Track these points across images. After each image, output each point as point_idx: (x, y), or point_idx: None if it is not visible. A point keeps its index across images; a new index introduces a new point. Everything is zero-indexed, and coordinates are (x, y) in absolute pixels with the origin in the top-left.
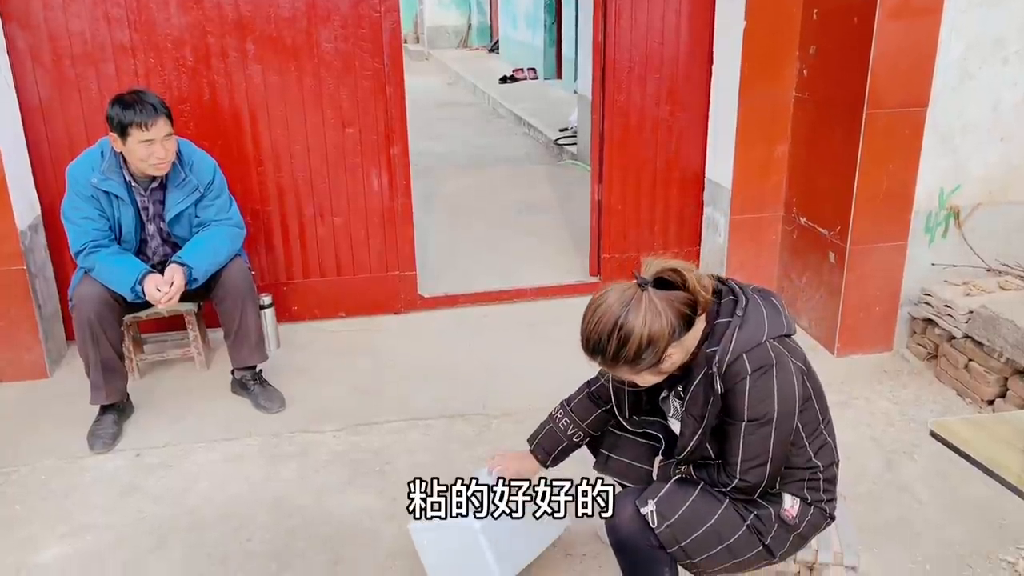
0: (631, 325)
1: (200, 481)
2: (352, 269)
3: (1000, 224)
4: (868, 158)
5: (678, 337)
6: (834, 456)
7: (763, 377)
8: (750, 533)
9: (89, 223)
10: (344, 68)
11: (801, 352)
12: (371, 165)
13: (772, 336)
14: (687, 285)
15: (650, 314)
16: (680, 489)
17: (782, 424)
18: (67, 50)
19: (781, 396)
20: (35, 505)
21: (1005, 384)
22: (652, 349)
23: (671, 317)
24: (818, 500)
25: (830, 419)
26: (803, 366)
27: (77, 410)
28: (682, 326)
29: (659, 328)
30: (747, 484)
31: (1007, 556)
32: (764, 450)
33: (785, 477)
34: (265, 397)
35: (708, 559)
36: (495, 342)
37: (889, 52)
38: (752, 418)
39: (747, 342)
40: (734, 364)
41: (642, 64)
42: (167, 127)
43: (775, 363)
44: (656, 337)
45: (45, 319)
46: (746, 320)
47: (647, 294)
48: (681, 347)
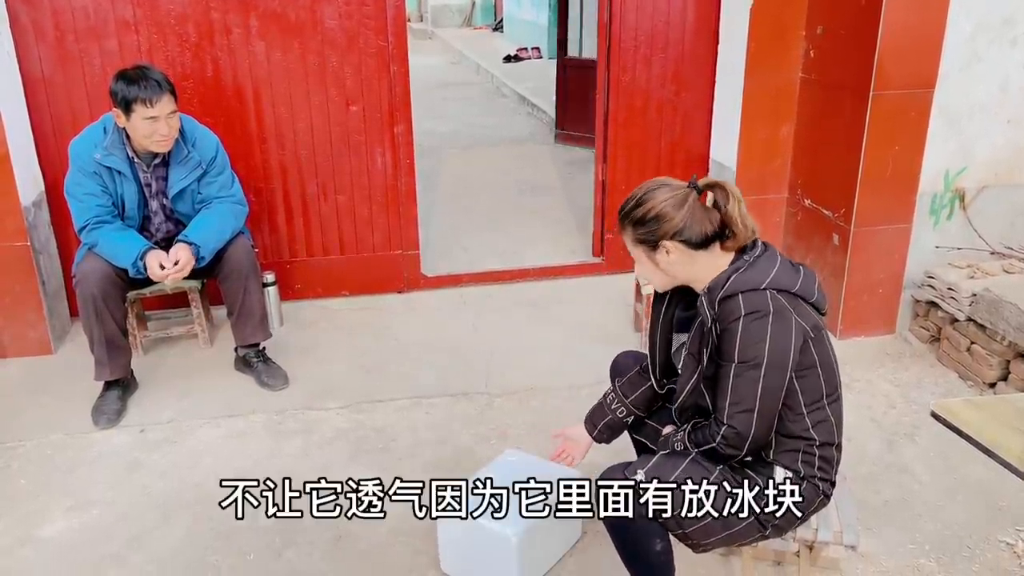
0: (655, 196)
1: (204, 457)
2: (355, 248)
3: (1005, 207)
4: (874, 140)
5: (685, 238)
6: (833, 437)
7: (757, 321)
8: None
9: (92, 199)
10: (348, 45)
11: (814, 320)
12: (375, 143)
13: (776, 287)
14: (726, 208)
15: (674, 200)
16: (670, 460)
17: (771, 373)
18: (70, 25)
19: (773, 345)
20: (40, 480)
21: (1007, 367)
22: (655, 223)
23: (690, 217)
24: (811, 476)
25: (838, 400)
26: (810, 331)
27: (81, 386)
28: (697, 234)
29: (672, 212)
30: (734, 432)
31: (1006, 538)
32: (751, 395)
33: (779, 445)
34: (268, 375)
35: (699, 530)
36: (498, 322)
37: (897, 32)
38: (742, 360)
39: (745, 283)
40: (728, 302)
41: (647, 44)
42: (171, 104)
43: (772, 311)
44: (664, 216)
45: (49, 295)
46: (753, 265)
47: (687, 192)
48: (685, 256)
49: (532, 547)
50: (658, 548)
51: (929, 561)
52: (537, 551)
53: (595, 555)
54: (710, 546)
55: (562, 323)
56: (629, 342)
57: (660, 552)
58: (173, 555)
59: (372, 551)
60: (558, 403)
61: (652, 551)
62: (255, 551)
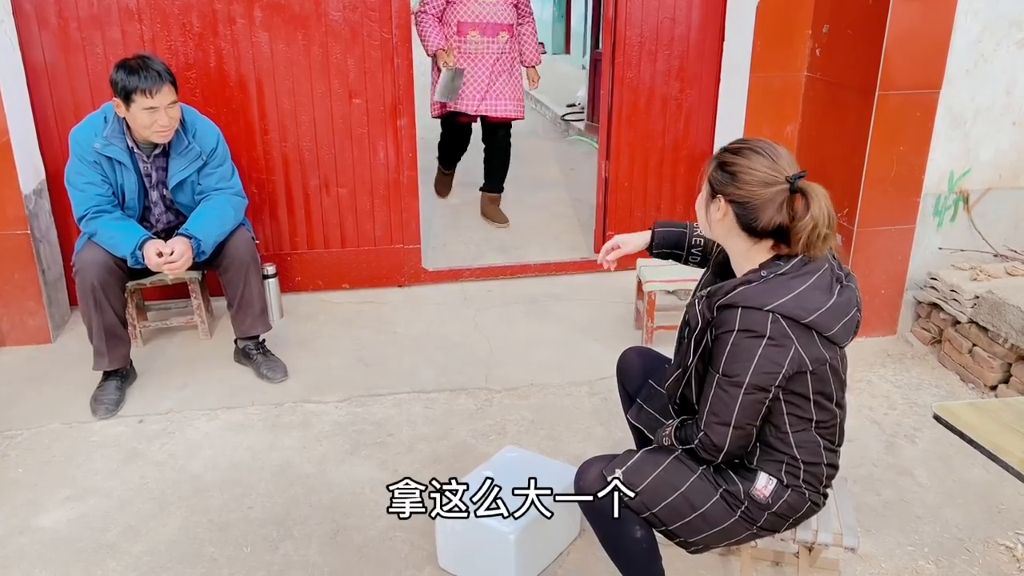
0: (751, 158)
1: (202, 449)
2: (357, 241)
3: (1009, 209)
4: (879, 140)
5: (739, 212)
6: (821, 457)
7: (748, 340)
8: (724, 503)
9: (92, 188)
10: (352, 37)
11: (819, 354)
12: (378, 136)
13: (784, 313)
14: (793, 220)
15: (763, 177)
16: (651, 457)
17: (752, 395)
18: (73, 13)
19: (760, 367)
20: (38, 469)
21: (1008, 370)
22: (728, 180)
23: (762, 202)
24: (796, 485)
25: (834, 427)
26: (809, 363)
27: (80, 376)
28: (753, 220)
29: (749, 183)
30: (710, 442)
31: (1005, 541)
32: (729, 411)
33: (763, 455)
34: (268, 367)
35: (684, 526)
36: (498, 317)
37: (904, 33)
38: (725, 374)
39: (749, 299)
40: (726, 311)
41: (652, 40)
42: (172, 94)
43: (767, 336)
44: (740, 180)
45: (49, 284)
46: (770, 280)
47: (780, 179)
48: (730, 226)
49: (530, 544)
50: (638, 535)
51: (928, 563)
52: (535, 548)
53: (592, 552)
54: (701, 544)
55: (563, 320)
56: (630, 340)
57: (640, 540)
58: (170, 546)
59: (369, 545)
60: (558, 400)
61: (632, 538)
62: (252, 544)
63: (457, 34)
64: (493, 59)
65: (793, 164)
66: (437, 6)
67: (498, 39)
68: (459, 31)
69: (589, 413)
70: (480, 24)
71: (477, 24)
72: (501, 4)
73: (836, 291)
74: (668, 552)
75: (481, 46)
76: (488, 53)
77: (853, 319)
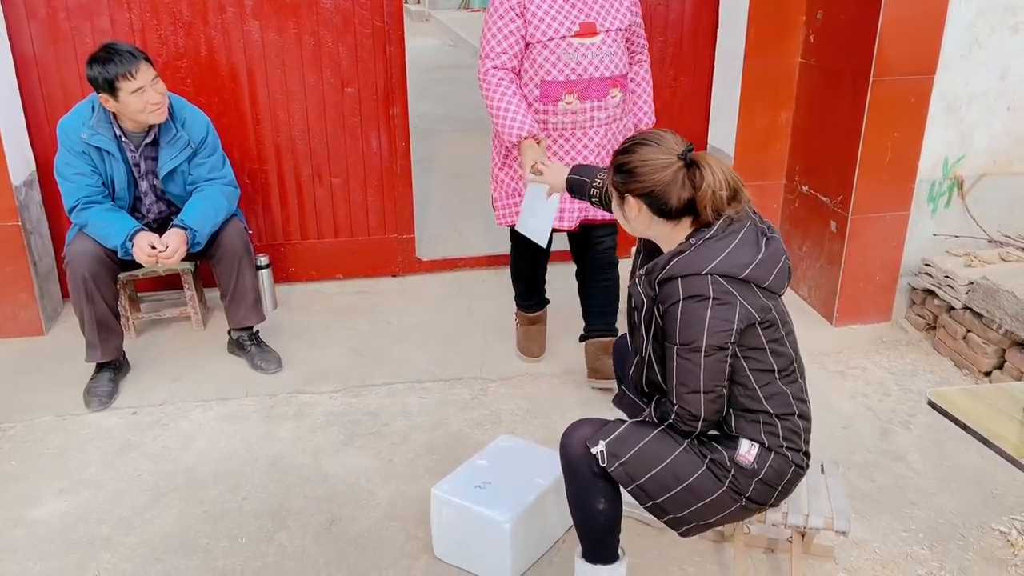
0: (642, 152)
1: (197, 440)
2: (350, 231)
3: (1004, 195)
4: (873, 126)
5: (650, 203)
6: (792, 407)
7: (695, 304)
8: (711, 475)
9: (82, 179)
10: (344, 25)
11: (762, 303)
12: (370, 126)
13: (720, 272)
14: (697, 190)
15: (656, 164)
16: (636, 429)
17: (712, 355)
18: (62, 3)
19: (712, 328)
20: (31, 461)
21: (1003, 356)
22: (629, 177)
23: (665, 186)
24: (778, 446)
25: (793, 375)
26: (756, 314)
27: (73, 368)
28: (664, 204)
29: (647, 174)
30: (686, 412)
31: (999, 526)
32: (695, 377)
33: (739, 420)
34: (262, 358)
35: (671, 500)
36: (492, 307)
37: (898, 18)
38: (683, 342)
39: (685, 267)
40: (667, 285)
41: (646, 27)
42: (150, 70)
43: (712, 297)
44: (638, 176)
45: (40, 276)
46: (698, 248)
47: (674, 160)
48: (646, 218)
49: (525, 533)
50: (600, 507)
51: (922, 548)
52: (530, 537)
53: None
54: (691, 522)
55: (556, 308)
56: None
57: (601, 512)
58: (164, 538)
59: (365, 535)
60: (552, 389)
61: (594, 508)
62: (247, 534)
63: (542, 100)
64: (600, 136)
65: (680, 142)
66: (511, 53)
67: (606, 103)
68: (544, 95)
69: (583, 402)
70: (580, 83)
71: (575, 83)
72: (611, 44)
73: (763, 244)
74: (662, 539)
75: (581, 117)
76: (591, 127)
77: (784, 267)
